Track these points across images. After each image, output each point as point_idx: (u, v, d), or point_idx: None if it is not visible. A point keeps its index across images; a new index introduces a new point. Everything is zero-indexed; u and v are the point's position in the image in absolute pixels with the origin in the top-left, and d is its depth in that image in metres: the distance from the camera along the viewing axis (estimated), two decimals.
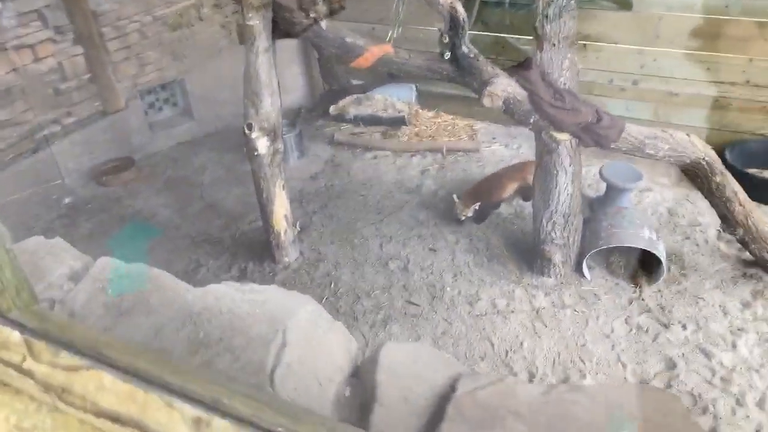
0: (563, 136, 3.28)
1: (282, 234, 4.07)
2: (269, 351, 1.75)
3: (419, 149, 5.57)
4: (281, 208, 3.99)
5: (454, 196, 4.40)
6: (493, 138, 5.74)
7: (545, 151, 3.44)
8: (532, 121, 3.27)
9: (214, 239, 4.58)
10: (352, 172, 5.36)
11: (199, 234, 4.64)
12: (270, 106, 3.65)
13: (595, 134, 3.25)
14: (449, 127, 5.91)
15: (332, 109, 6.11)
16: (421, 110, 6.10)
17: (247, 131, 3.68)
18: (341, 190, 5.09)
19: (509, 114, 3.29)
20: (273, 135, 3.74)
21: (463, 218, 4.34)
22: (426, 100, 6.19)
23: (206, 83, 5.96)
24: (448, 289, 3.89)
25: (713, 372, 3.21)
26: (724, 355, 3.30)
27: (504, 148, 5.56)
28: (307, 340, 1.75)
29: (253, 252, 4.36)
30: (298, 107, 6.48)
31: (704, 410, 3.01)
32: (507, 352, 3.39)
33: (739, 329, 3.46)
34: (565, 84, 3.23)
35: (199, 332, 1.87)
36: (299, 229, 4.31)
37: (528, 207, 4.28)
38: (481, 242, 4.30)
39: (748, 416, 2.96)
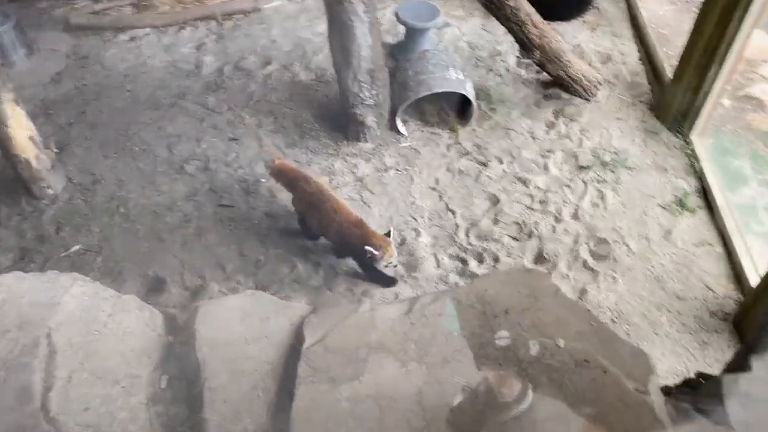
0: None
1: (33, 161, 3.47)
2: (32, 369, 1.35)
3: (187, 19, 4.99)
4: (21, 130, 3.35)
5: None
6: None
7: (335, 1, 3.30)
8: None
9: None
10: (106, 63, 4.67)
11: None
12: None
13: None
14: None
15: None
16: None
17: None
18: (98, 90, 4.43)
19: None
20: None
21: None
22: None
23: None
24: (263, 180, 3.77)
25: (531, 197, 3.68)
26: (539, 179, 3.78)
27: (288, 2, 5.25)
28: (86, 335, 1.41)
29: (2, 193, 3.71)
30: None
31: (530, 234, 3.48)
32: None
33: (548, 151, 3.95)
34: None
35: None
36: (57, 151, 3.72)
37: (330, 69, 4.19)
38: (288, 119, 4.17)
39: (566, 230, 3.50)
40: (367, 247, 2.96)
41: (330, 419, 1.05)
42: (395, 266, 3.18)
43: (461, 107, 4.10)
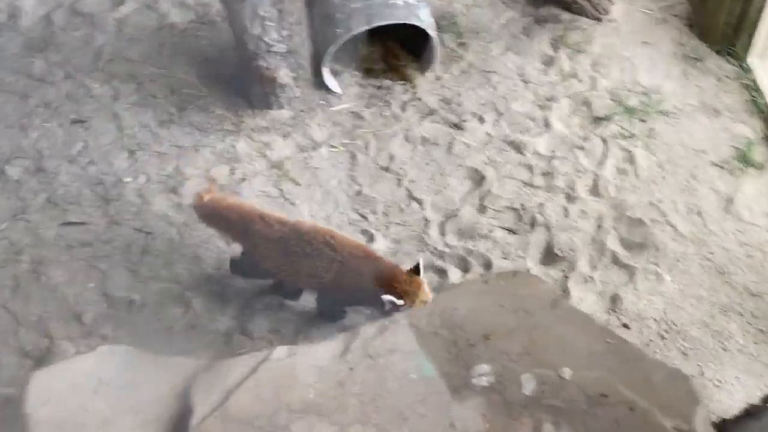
0: None
1: None
2: None
3: None
4: None
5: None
6: None
7: None
8: None
9: None
10: None
11: None
12: None
13: None
14: None
15: None
16: None
17: None
18: None
19: None
20: None
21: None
22: None
23: None
24: (128, 179, 3.70)
25: (530, 169, 3.72)
26: (538, 142, 3.82)
27: None
28: None
29: None
30: None
31: (532, 223, 3.52)
32: None
33: (548, 99, 4.00)
34: None
35: None
36: None
37: (216, 3, 4.15)
38: (159, 84, 4.09)
39: (583, 211, 3.55)
40: (386, 297, 2.72)
41: None
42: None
43: (417, 45, 4.11)
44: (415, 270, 2.83)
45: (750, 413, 1.04)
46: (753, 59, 4.03)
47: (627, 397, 1.01)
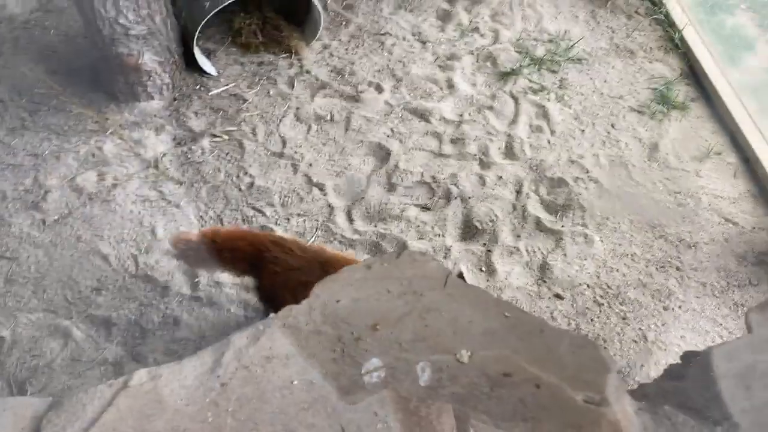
0: None
1: None
2: None
3: None
4: None
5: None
6: None
7: None
8: None
9: None
10: None
11: None
12: None
13: None
14: None
15: None
16: None
17: None
18: None
19: None
20: None
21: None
22: None
23: None
24: None
25: (439, 137, 3.74)
26: (444, 106, 3.85)
27: None
28: None
29: None
30: None
31: (447, 196, 3.54)
32: (135, 257, 3.36)
33: (448, 58, 4.03)
34: None
35: None
36: None
37: None
38: (3, 86, 3.95)
39: (500, 177, 3.60)
40: None
41: None
42: None
43: (298, 13, 4.09)
44: (459, 277, 2.80)
45: (669, 374, 1.07)
46: None
47: (532, 374, 1.02)
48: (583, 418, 1.04)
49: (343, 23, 4.21)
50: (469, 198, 3.54)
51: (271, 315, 1.16)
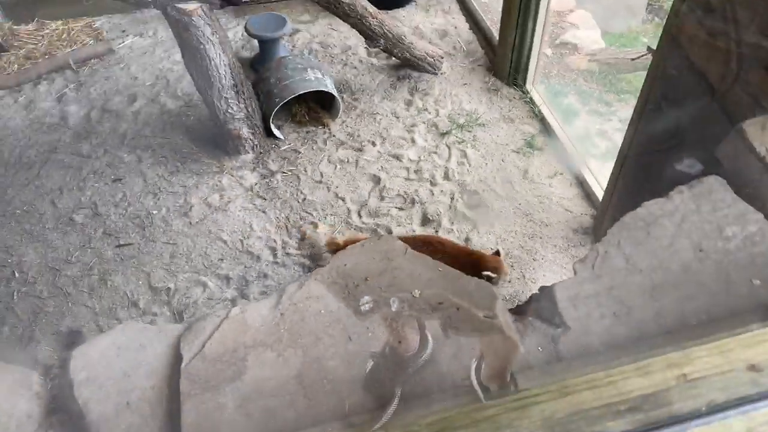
0: (192, 5, 3.03)
1: None
2: None
3: (40, 74, 4.60)
4: None
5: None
6: (123, 31, 5.05)
7: (182, 29, 3.16)
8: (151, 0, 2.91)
9: None
10: None
11: None
12: None
13: None
14: (64, 35, 4.95)
15: None
16: (15, 26, 4.92)
17: None
18: None
19: (120, 0, 2.86)
20: None
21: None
22: (14, 12, 4.99)
23: None
24: (155, 212, 3.59)
25: (407, 170, 3.78)
26: (410, 152, 3.89)
27: (140, 38, 4.97)
28: None
29: None
30: None
31: (413, 202, 3.58)
32: (241, 241, 3.40)
33: (412, 126, 4.07)
34: None
35: None
36: None
37: (195, 93, 4.03)
38: (166, 149, 3.98)
39: (442, 191, 3.64)
40: (485, 273, 2.68)
41: (219, 425, 1.03)
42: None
43: (328, 103, 4.11)
44: (497, 253, 2.83)
45: (532, 299, 1.09)
46: (529, 86, 4.17)
47: (454, 302, 1.06)
48: (483, 325, 1.07)
49: (353, 108, 4.22)
50: (425, 203, 3.57)
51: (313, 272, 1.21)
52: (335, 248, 2.97)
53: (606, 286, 0.96)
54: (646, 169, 2.24)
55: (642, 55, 4.03)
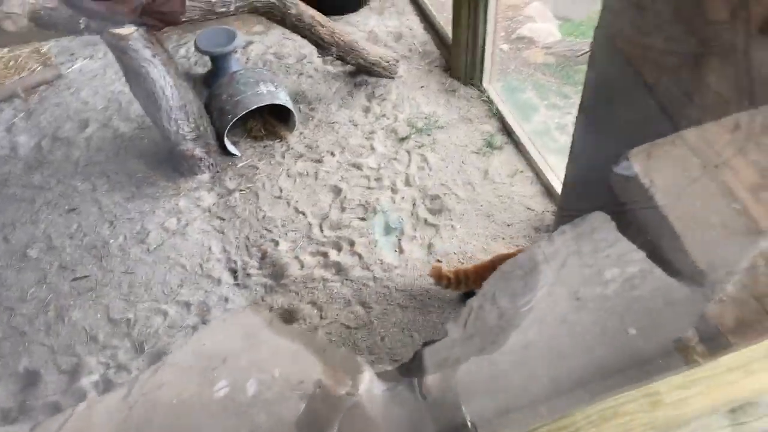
0: (127, 30, 2.96)
1: None
2: None
3: None
4: None
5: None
6: (72, 54, 4.94)
7: (121, 54, 3.09)
8: (82, 26, 2.83)
9: None
10: None
11: None
12: None
13: (158, 14, 3.01)
14: (11, 63, 4.83)
15: None
16: None
17: None
18: None
19: (50, 28, 2.78)
20: None
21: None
22: None
23: None
24: (112, 241, 3.51)
25: (368, 178, 3.74)
26: (369, 160, 3.84)
27: (90, 61, 4.87)
28: None
29: None
30: None
31: (375, 211, 3.54)
32: (201, 265, 3.34)
33: (370, 133, 4.02)
34: None
35: None
36: None
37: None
38: (121, 174, 3.90)
39: (403, 197, 3.60)
40: None
41: None
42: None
43: (284, 115, 4.05)
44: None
45: (414, 356, 1.03)
46: (486, 84, 4.15)
47: (316, 380, 1.01)
48: (342, 403, 1.00)
49: (310, 118, 4.17)
50: (387, 211, 3.54)
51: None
52: (446, 281, 2.87)
53: (477, 347, 0.88)
54: (589, 168, 2.23)
55: (585, 53, 4.03)
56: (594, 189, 2.14)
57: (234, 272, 3.29)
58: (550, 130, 3.90)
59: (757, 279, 1.08)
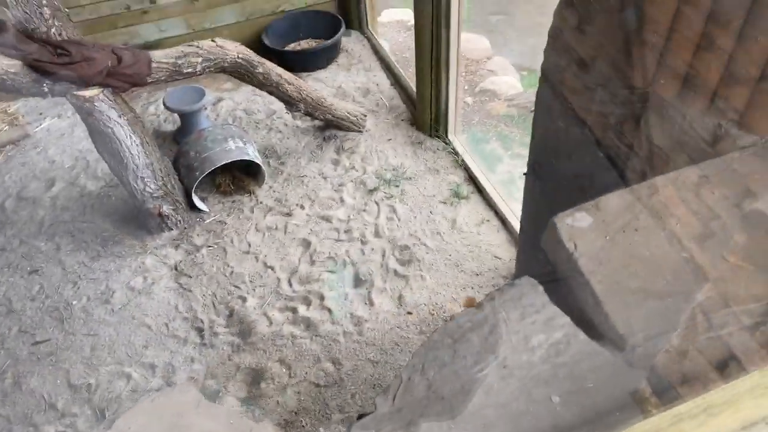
0: (92, 92, 2.99)
1: None
2: None
3: None
4: None
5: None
6: (41, 114, 4.96)
7: (86, 115, 3.12)
8: (46, 89, 2.86)
9: None
10: None
11: None
12: None
13: (124, 76, 3.06)
14: None
15: None
16: None
17: None
18: None
19: (15, 93, 2.80)
20: None
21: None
22: None
23: None
24: (75, 302, 3.43)
25: (337, 231, 3.76)
26: (339, 212, 3.87)
27: (58, 120, 4.88)
28: None
29: None
30: None
31: (344, 264, 3.55)
32: (167, 324, 3.27)
33: (340, 185, 4.07)
34: (59, 34, 2.86)
35: None
36: None
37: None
38: (86, 233, 3.85)
39: (373, 249, 3.62)
40: None
41: None
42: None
43: (253, 170, 4.08)
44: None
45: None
46: (451, 136, 4.26)
47: None
48: None
49: (279, 172, 4.21)
50: (356, 263, 3.54)
51: None
52: None
53: (405, 421, 0.86)
54: (542, 218, 2.29)
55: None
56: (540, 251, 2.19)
57: (200, 331, 3.23)
58: (515, 179, 4.00)
59: (697, 331, 1.10)
